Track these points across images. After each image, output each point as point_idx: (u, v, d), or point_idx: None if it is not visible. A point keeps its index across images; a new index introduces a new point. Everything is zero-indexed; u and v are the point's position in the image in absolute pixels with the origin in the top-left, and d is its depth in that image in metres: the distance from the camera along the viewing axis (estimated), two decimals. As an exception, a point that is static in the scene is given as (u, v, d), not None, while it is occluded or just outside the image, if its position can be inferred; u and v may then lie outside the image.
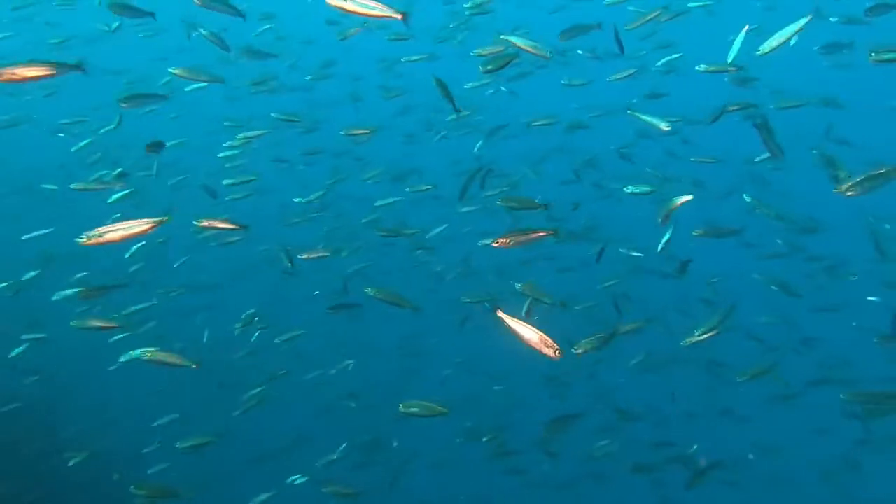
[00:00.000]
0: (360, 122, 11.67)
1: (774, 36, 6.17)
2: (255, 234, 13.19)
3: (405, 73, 14.95)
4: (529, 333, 4.50)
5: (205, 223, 6.91)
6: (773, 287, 10.92)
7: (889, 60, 5.39)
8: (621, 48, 8.07)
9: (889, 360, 9.45)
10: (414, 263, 13.68)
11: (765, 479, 13.24)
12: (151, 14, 7.80)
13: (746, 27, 6.57)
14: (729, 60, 6.48)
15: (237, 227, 7.00)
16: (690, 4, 12.09)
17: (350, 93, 17.05)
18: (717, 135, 8.50)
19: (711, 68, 7.68)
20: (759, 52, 6.25)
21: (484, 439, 9.55)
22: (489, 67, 6.96)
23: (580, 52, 12.97)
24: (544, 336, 4.47)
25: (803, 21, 6.08)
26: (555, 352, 4.46)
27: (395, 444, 12.90)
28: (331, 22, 15.09)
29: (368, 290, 7.07)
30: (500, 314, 4.58)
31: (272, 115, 9.47)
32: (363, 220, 12.01)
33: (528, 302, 7.08)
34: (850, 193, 5.50)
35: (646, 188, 8.66)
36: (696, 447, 11.36)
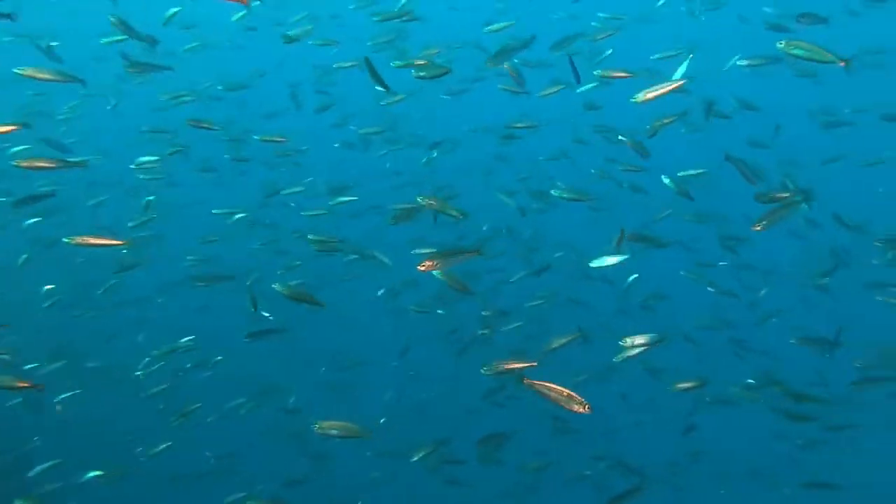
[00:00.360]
0: (297, 130, 11.34)
1: (650, 87, 6.48)
2: (185, 251, 12.70)
3: (339, 80, 14.66)
4: (557, 394, 4.76)
5: (77, 240, 6.43)
6: (710, 289, 11.15)
7: (795, 56, 5.63)
8: (577, 78, 8.06)
9: (823, 363, 9.75)
10: (354, 275, 13.37)
11: (708, 482, 13.43)
12: (9, 16, 6.66)
13: (691, 55, 6.79)
14: (674, 78, 6.62)
15: (116, 243, 6.55)
16: (601, 14, 12.32)
17: (288, 99, 16.60)
18: (657, 142, 8.61)
19: (606, 74, 8.05)
20: (633, 100, 6.53)
21: (414, 458, 8.92)
22: (422, 74, 6.87)
23: (516, 60, 12.96)
24: (571, 393, 4.74)
25: (679, 82, 6.44)
26: (583, 407, 4.70)
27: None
28: (250, 28, 14.67)
29: (276, 286, 6.94)
30: (528, 381, 4.88)
31: (187, 122, 8.70)
32: (295, 234, 11.61)
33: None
34: (757, 228, 5.98)
35: (574, 194, 8.63)
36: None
